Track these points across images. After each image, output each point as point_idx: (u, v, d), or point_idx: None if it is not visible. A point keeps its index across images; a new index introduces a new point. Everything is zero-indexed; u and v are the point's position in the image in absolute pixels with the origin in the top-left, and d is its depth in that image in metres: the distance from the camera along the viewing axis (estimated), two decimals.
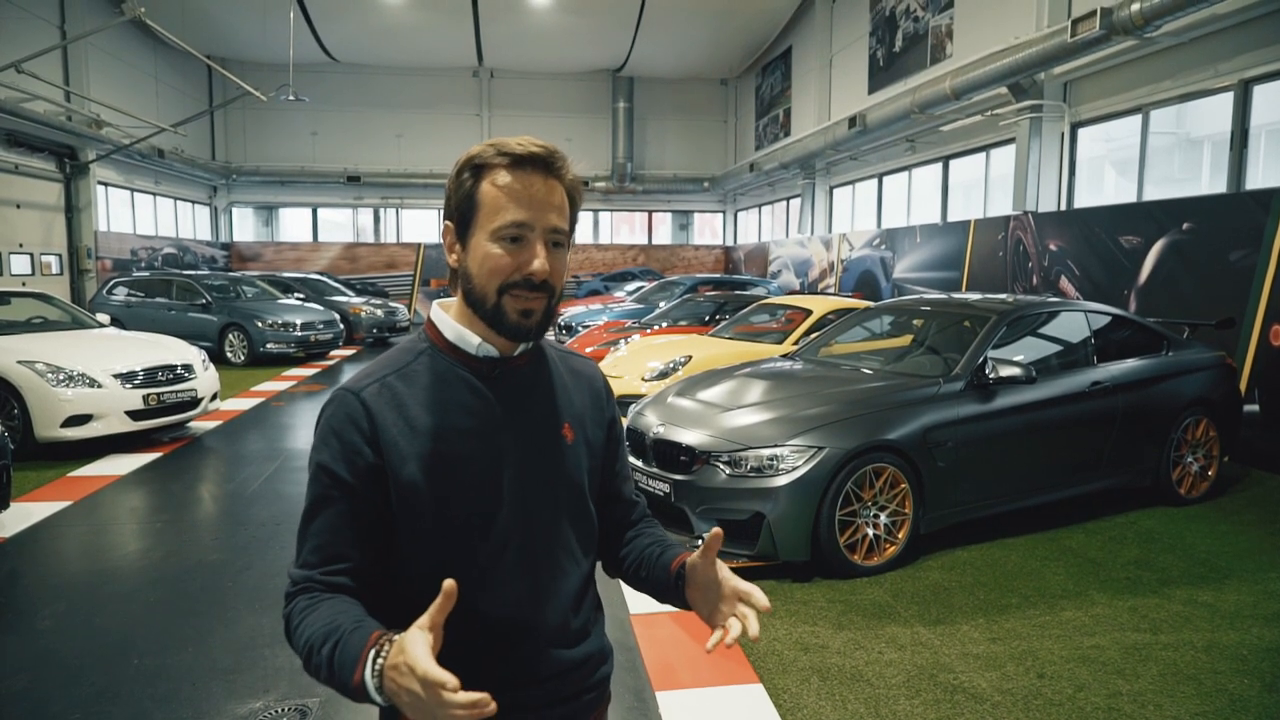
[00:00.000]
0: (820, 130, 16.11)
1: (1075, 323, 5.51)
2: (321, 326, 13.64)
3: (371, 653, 0.99)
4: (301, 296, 15.84)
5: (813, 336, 6.66)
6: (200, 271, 18.02)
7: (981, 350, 4.85)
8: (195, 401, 7.42)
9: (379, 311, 16.59)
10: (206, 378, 7.61)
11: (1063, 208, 10.34)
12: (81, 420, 6.56)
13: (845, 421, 4.34)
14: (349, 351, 15.11)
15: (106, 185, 17.15)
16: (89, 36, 14.53)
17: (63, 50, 14.99)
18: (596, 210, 25.14)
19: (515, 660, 1.19)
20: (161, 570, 4.36)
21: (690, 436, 4.49)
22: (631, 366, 7.82)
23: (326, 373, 12.35)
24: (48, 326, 7.96)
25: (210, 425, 8.15)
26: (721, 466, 4.29)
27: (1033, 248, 9.69)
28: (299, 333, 13.14)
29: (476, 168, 1.17)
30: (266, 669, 3.26)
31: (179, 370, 7.30)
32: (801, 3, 18.45)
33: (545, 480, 1.24)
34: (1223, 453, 5.77)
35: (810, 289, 16.48)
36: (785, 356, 6.09)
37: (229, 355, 12.99)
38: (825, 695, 3.11)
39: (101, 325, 8.37)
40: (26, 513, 5.24)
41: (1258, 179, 7.88)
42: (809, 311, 8.34)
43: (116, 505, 5.56)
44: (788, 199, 20.56)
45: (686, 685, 3.21)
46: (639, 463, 4.73)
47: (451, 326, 1.23)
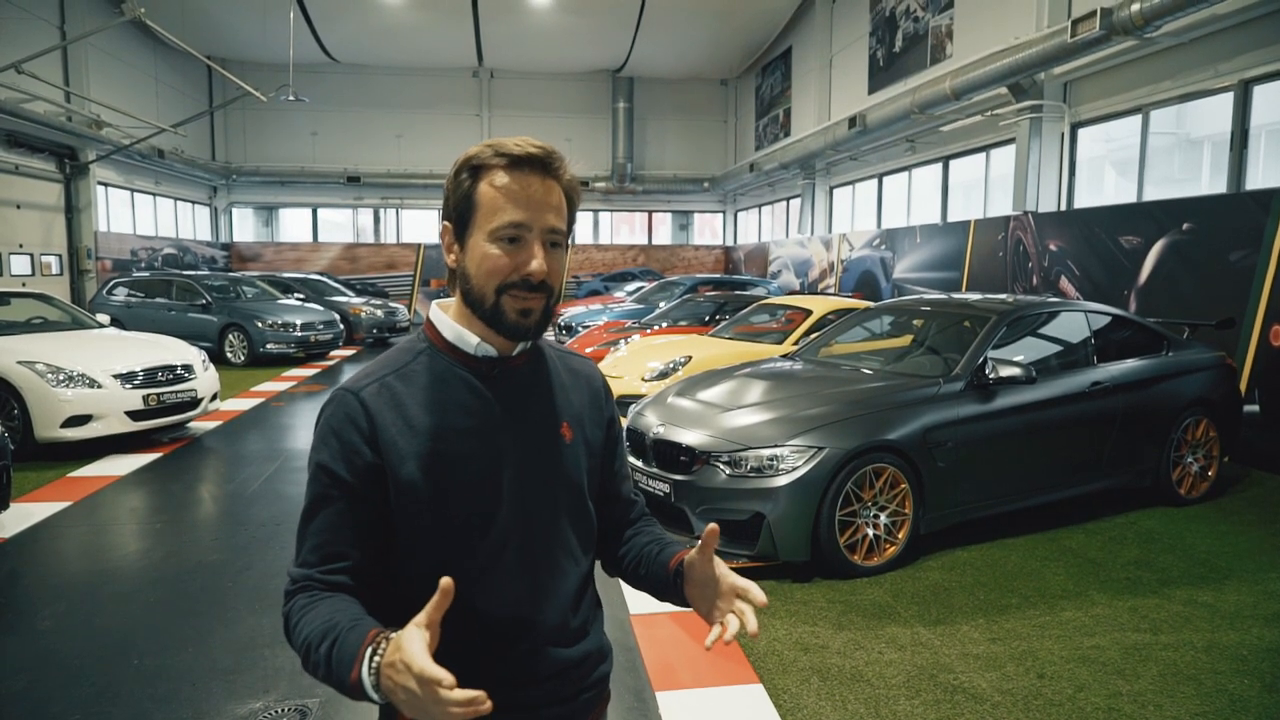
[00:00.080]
0: (820, 130, 16.11)
1: (1075, 323, 5.51)
2: (321, 327, 13.64)
3: (368, 650, 1.00)
4: (301, 297, 15.85)
5: (813, 337, 6.66)
6: (200, 272, 18.03)
7: (981, 350, 4.85)
8: (195, 402, 7.42)
9: (379, 312, 16.60)
10: (206, 378, 7.62)
11: (1063, 208, 10.34)
12: (81, 420, 6.57)
13: (845, 422, 4.34)
14: (349, 352, 15.11)
15: (106, 185, 17.15)
16: (89, 37, 14.52)
17: (63, 50, 15.00)
18: (596, 210, 25.14)
19: (513, 659, 1.19)
20: (161, 570, 4.37)
21: (690, 437, 4.49)
22: (631, 367, 7.82)
23: (326, 373, 12.35)
24: (48, 327, 7.96)
25: (210, 425, 8.15)
26: (721, 467, 4.29)
27: (1033, 248, 9.69)
28: (299, 333, 13.14)
29: (474, 168, 1.17)
30: (266, 669, 3.26)
31: (179, 370, 7.31)
32: (801, 3, 18.45)
33: (544, 479, 1.24)
34: (1223, 453, 5.77)
35: (810, 289, 16.48)
36: (785, 357, 6.09)
37: (229, 355, 12.99)
38: (825, 695, 3.11)
39: (101, 326, 8.37)
40: (26, 513, 5.24)
41: (1258, 179, 7.88)
42: (809, 312, 8.35)
43: (116, 505, 5.56)
44: (788, 199, 20.57)
45: (686, 685, 3.21)
46: (639, 463, 4.73)
47: (450, 326, 1.23)
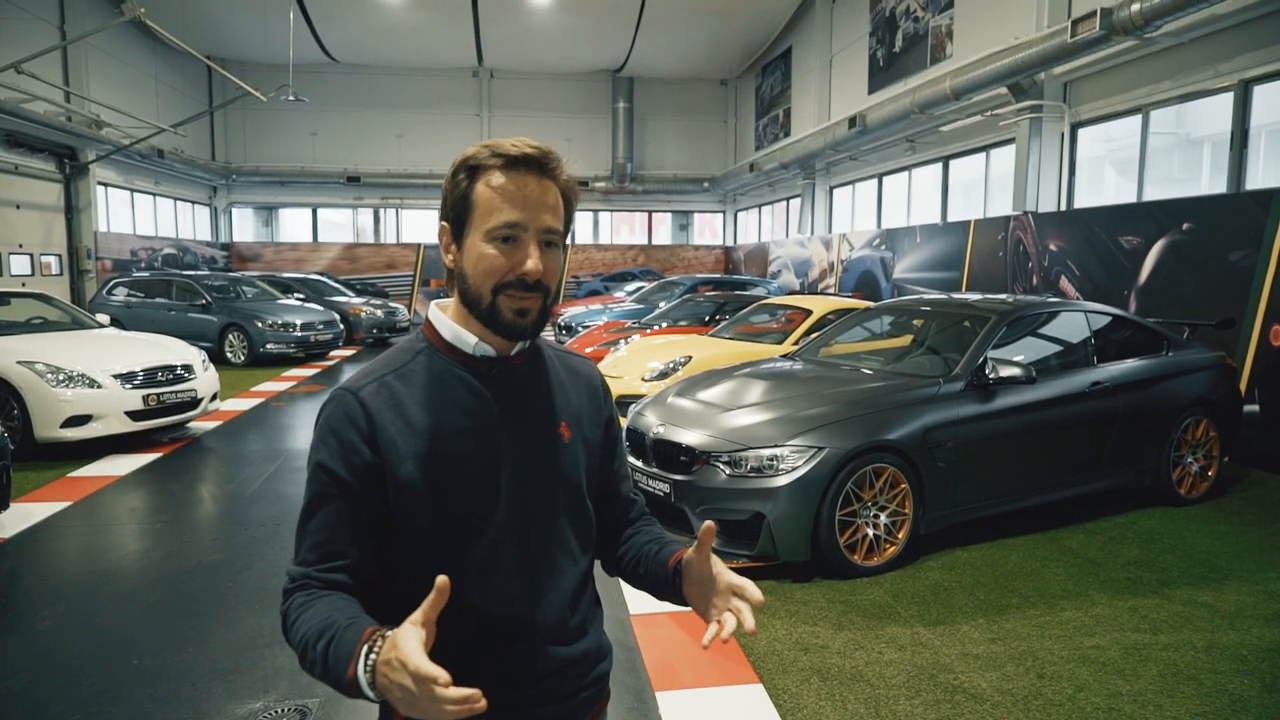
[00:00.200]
0: (820, 130, 16.11)
1: (1075, 323, 5.51)
2: (321, 327, 13.64)
3: (364, 648, 1.00)
4: (301, 297, 15.85)
5: (813, 337, 6.65)
6: (200, 272, 18.03)
7: (981, 350, 4.85)
8: (195, 402, 7.42)
9: (379, 312, 16.59)
10: (206, 378, 7.61)
11: (1063, 208, 10.34)
12: (81, 421, 6.56)
13: (845, 422, 4.34)
14: (349, 352, 15.11)
15: (106, 186, 17.15)
16: (89, 37, 14.52)
17: (63, 50, 15.00)
18: (596, 210, 25.15)
19: (512, 657, 1.19)
20: (161, 570, 4.37)
21: (690, 437, 4.49)
22: (631, 367, 7.81)
23: (326, 373, 12.35)
24: (47, 327, 7.96)
25: (210, 425, 8.15)
26: (721, 467, 4.29)
27: (1033, 248, 9.69)
28: (299, 333, 13.14)
29: (471, 169, 1.17)
30: (266, 669, 3.26)
31: (179, 370, 7.31)
32: (801, 3, 18.45)
33: (542, 479, 1.24)
34: (1223, 453, 5.77)
35: (810, 289, 16.48)
36: (785, 357, 6.09)
37: (229, 355, 12.99)
38: (825, 695, 3.11)
39: (101, 326, 8.37)
40: (26, 513, 5.24)
41: (1258, 179, 7.88)
42: (809, 312, 8.34)
43: (116, 505, 5.56)
44: (788, 199, 20.57)
45: (686, 685, 3.21)
46: (639, 463, 4.73)
47: (449, 326, 1.23)
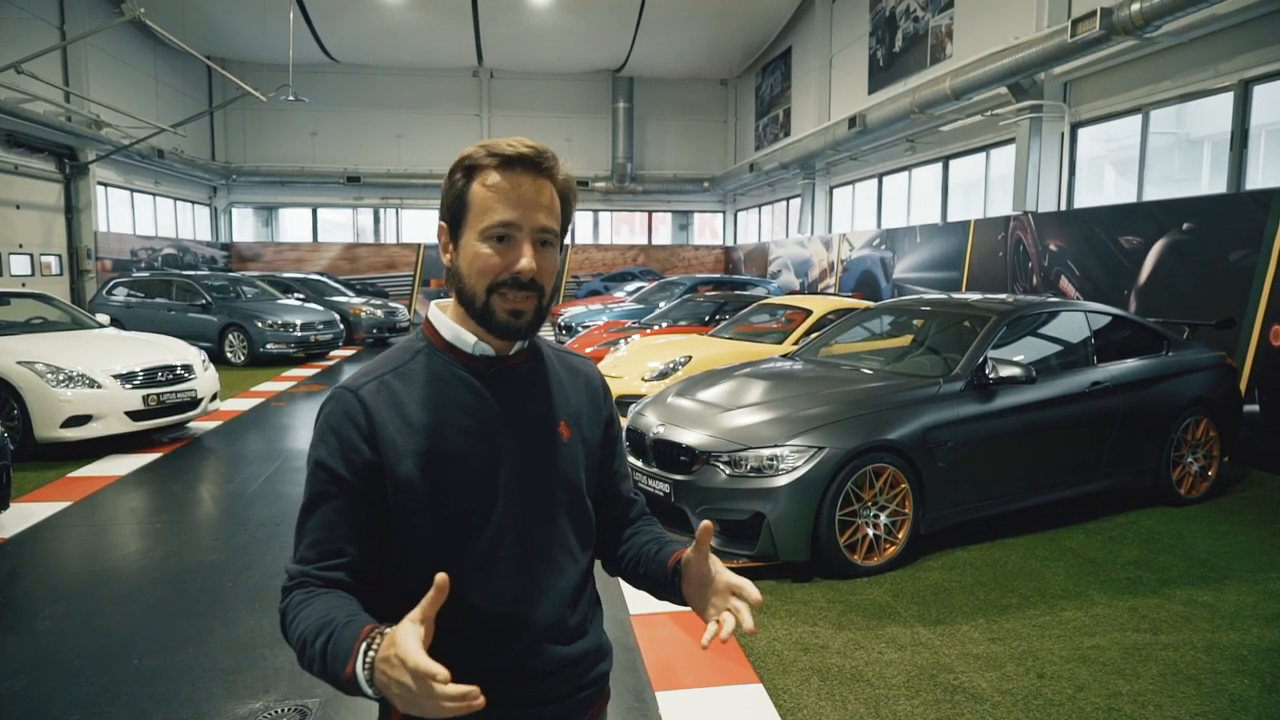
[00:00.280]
0: (820, 130, 16.11)
1: (1075, 323, 5.51)
2: (321, 327, 13.64)
3: (363, 645, 1.00)
4: (301, 297, 15.85)
5: (813, 336, 6.65)
6: (200, 272, 18.03)
7: (981, 350, 4.85)
8: (195, 402, 7.42)
9: (379, 312, 16.60)
10: (206, 378, 7.61)
11: (1063, 208, 10.34)
12: (81, 421, 6.56)
13: (845, 421, 4.34)
14: (349, 352, 15.11)
15: (106, 186, 17.15)
16: (89, 37, 14.52)
17: (62, 50, 15.00)
18: (596, 210, 25.15)
19: (510, 656, 1.19)
20: (161, 570, 4.36)
21: (690, 436, 4.49)
22: (631, 367, 7.81)
23: (326, 373, 12.35)
24: (47, 327, 7.96)
25: (210, 425, 8.15)
26: (721, 466, 4.29)
27: (1033, 248, 9.69)
28: (299, 333, 13.14)
29: (468, 169, 1.18)
30: (266, 669, 3.26)
31: (179, 371, 7.30)
32: (801, 3, 18.46)
33: (542, 478, 1.24)
34: (1223, 453, 5.77)
35: (810, 289, 16.48)
36: (785, 356, 6.09)
37: (229, 355, 12.99)
38: (825, 695, 3.11)
39: (101, 326, 8.37)
40: (26, 513, 5.24)
41: (1258, 179, 7.88)
42: (809, 311, 8.34)
43: (116, 505, 5.56)
44: (788, 199, 20.57)
45: (686, 685, 3.21)
46: (639, 463, 4.73)
47: (448, 326, 1.24)
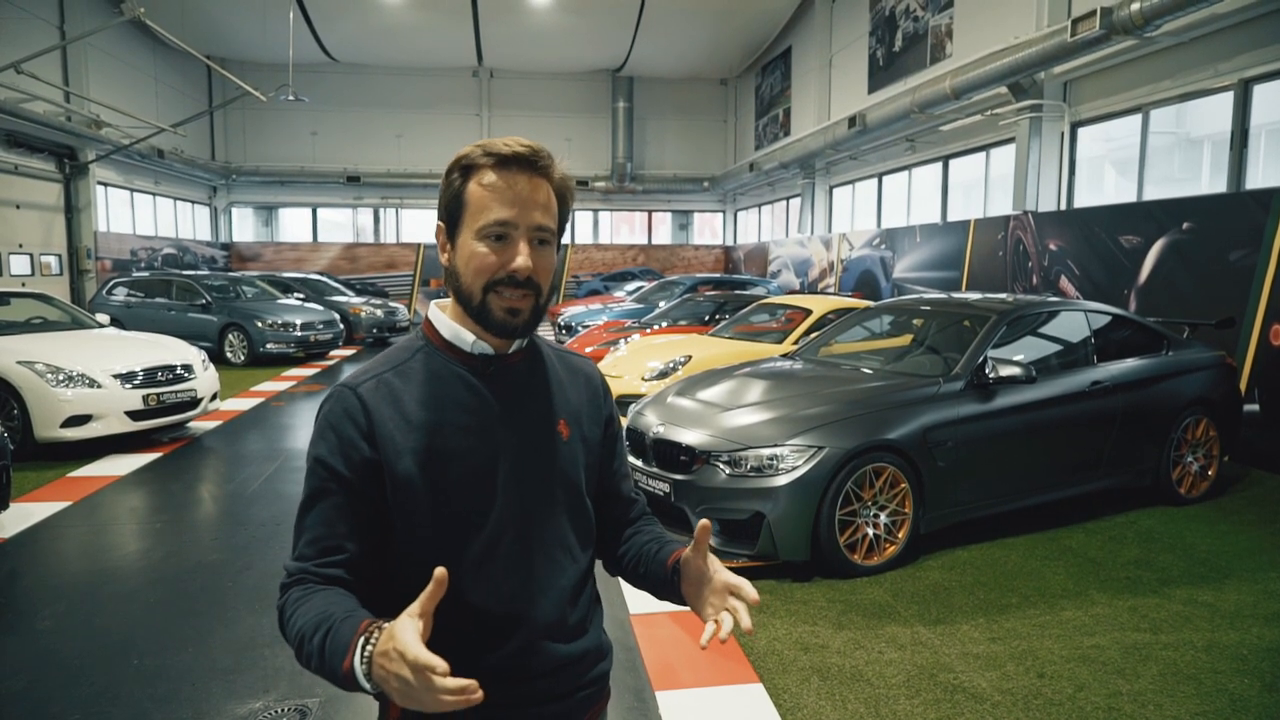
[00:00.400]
0: (820, 130, 16.11)
1: (1075, 322, 5.51)
2: (321, 326, 13.64)
3: (361, 640, 1.00)
4: (301, 296, 15.85)
5: (812, 336, 6.65)
6: (200, 272, 18.03)
7: (981, 350, 4.85)
8: (195, 402, 7.42)
9: (379, 311, 16.60)
10: (206, 378, 7.61)
11: (1063, 207, 10.34)
12: (81, 420, 6.56)
13: (845, 421, 4.34)
14: (349, 351, 15.11)
15: (106, 185, 17.15)
16: (89, 37, 14.53)
17: (62, 50, 15.00)
18: (596, 210, 25.15)
19: (509, 654, 1.19)
20: (161, 570, 4.36)
21: (690, 436, 4.49)
22: (631, 366, 7.81)
23: (326, 373, 12.35)
24: (47, 327, 7.96)
25: (210, 425, 8.15)
26: (721, 466, 4.29)
27: (1033, 247, 9.69)
28: (299, 333, 13.14)
29: (465, 168, 1.18)
30: (266, 669, 3.26)
31: (179, 370, 7.30)
32: (801, 3, 18.45)
33: (541, 476, 1.24)
34: (1223, 452, 5.76)
35: (810, 289, 16.48)
36: (785, 356, 6.09)
37: (229, 355, 12.99)
38: (825, 695, 3.11)
39: (101, 325, 8.37)
40: (26, 513, 5.24)
41: (1258, 179, 7.87)
42: (809, 311, 8.34)
43: (116, 505, 5.56)
44: (788, 199, 20.57)
45: (686, 685, 3.21)
46: (639, 462, 4.73)
47: (447, 325, 1.24)
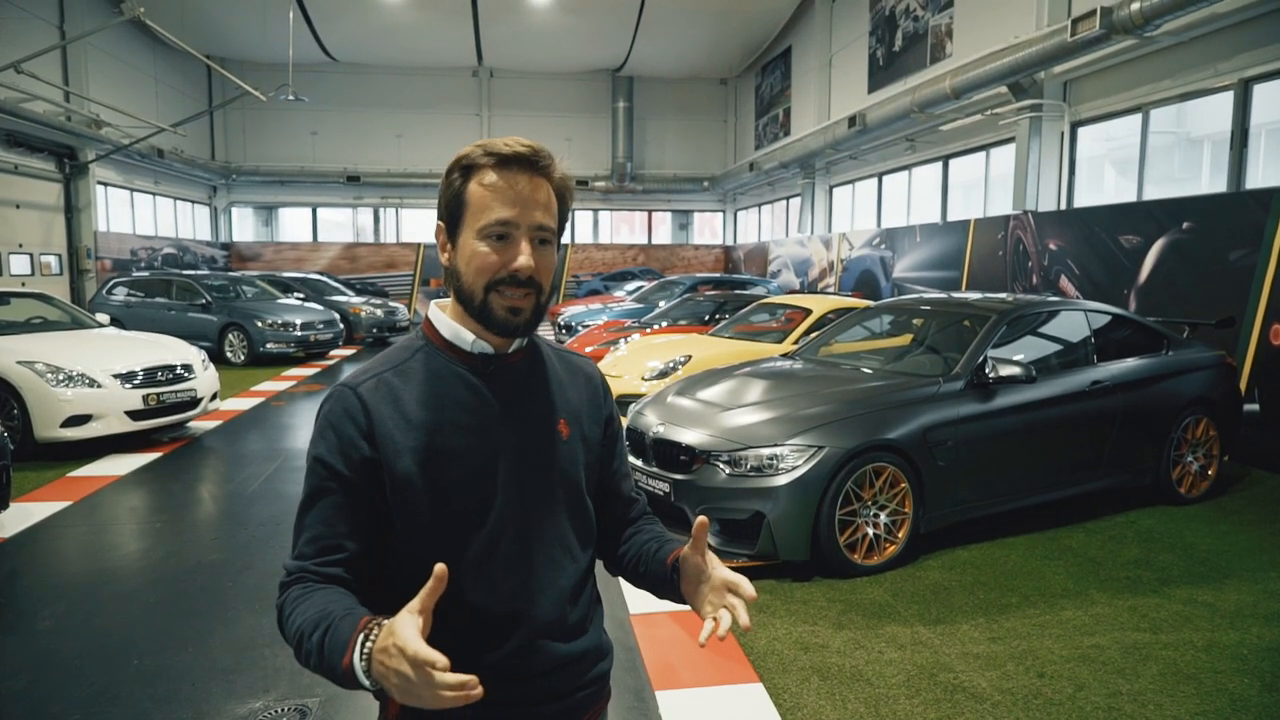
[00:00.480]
0: (820, 130, 16.11)
1: (1075, 322, 5.51)
2: (321, 326, 13.64)
3: (360, 636, 1.01)
4: (301, 296, 15.85)
5: (812, 336, 6.65)
6: (200, 271, 18.02)
7: (981, 349, 4.85)
8: (195, 401, 7.42)
9: (379, 311, 16.60)
10: (206, 377, 7.61)
11: (1062, 207, 10.34)
12: (81, 420, 6.56)
13: (845, 421, 4.34)
14: (349, 351, 15.11)
15: (106, 185, 17.15)
16: (88, 36, 14.53)
17: (62, 50, 14.99)
18: (596, 210, 25.15)
19: (508, 653, 1.19)
20: (161, 570, 4.36)
21: (690, 436, 4.49)
22: (631, 366, 7.81)
23: (326, 372, 12.35)
24: (47, 326, 7.96)
25: (210, 425, 8.15)
26: (721, 466, 4.28)
27: (1032, 247, 9.68)
28: (299, 332, 13.14)
29: (465, 168, 1.19)
30: (266, 669, 3.26)
31: (179, 370, 7.30)
32: (801, 2, 18.45)
33: (541, 475, 1.24)
34: (1223, 452, 5.76)
35: (810, 288, 16.48)
36: (785, 356, 6.08)
37: (229, 355, 12.99)
38: (825, 694, 3.11)
39: (101, 325, 8.37)
40: (26, 513, 5.24)
41: (1258, 178, 7.87)
42: (809, 311, 8.34)
43: (116, 505, 5.56)
44: (787, 198, 20.57)
45: (686, 685, 3.21)
46: (639, 462, 4.73)
47: (447, 324, 1.24)
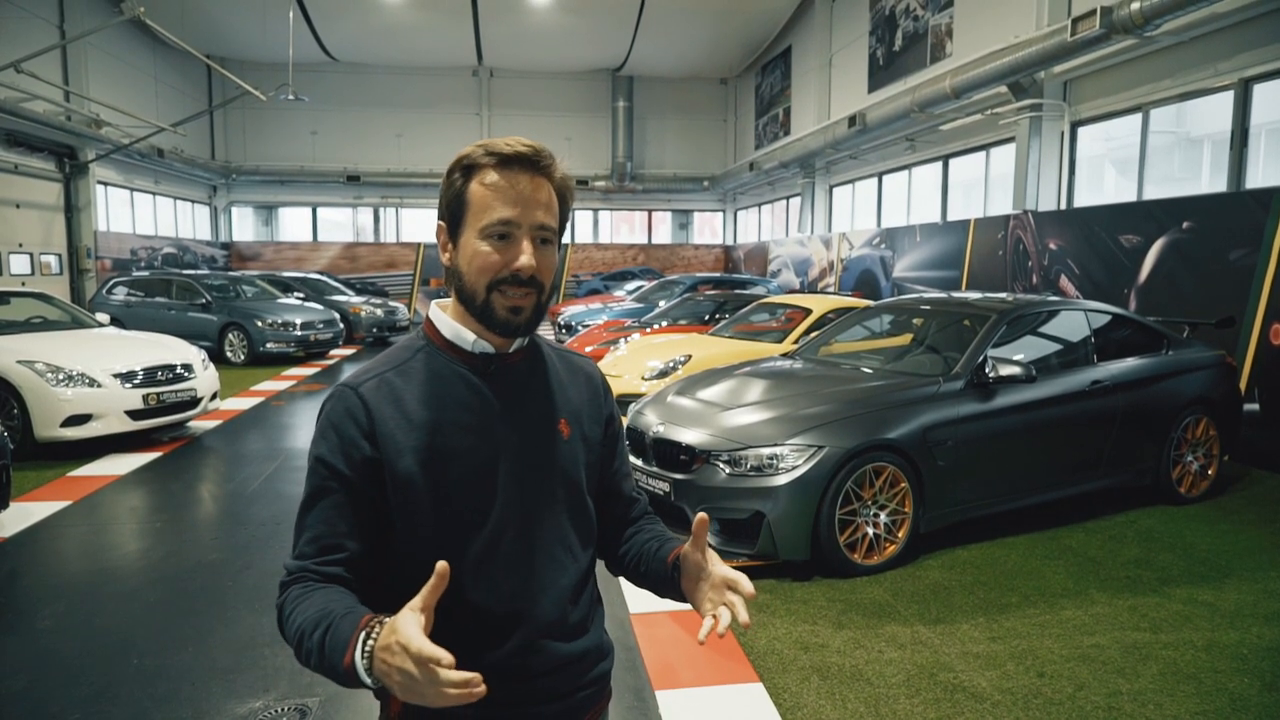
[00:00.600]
0: (820, 129, 16.11)
1: (1075, 322, 5.51)
2: (321, 326, 13.64)
3: (362, 635, 1.00)
4: (301, 296, 15.85)
5: (812, 336, 6.65)
6: (200, 271, 18.01)
7: (981, 349, 4.85)
8: (195, 401, 7.42)
9: (379, 311, 16.60)
10: (206, 377, 7.61)
11: (1063, 207, 10.34)
12: (81, 420, 6.56)
13: (845, 420, 4.34)
14: (349, 351, 15.11)
15: (106, 185, 17.15)
16: (88, 36, 14.53)
17: (62, 50, 14.99)
18: (596, 210, 25.15)
19: (509, 652, 1.19)
20: (161, 570, 4.37)
21: (690, 435, 4.49)
22: (631, 366, 7.81)
23: (326, 372, 12.35)
24: (47, 326, 7.95)
25: (210, 425, 8.15)
26: (721, 465, 4.29)
27: (1033, 247, 9.68)
28: (299, 332, 13.14)
29: (466, 168, 1.19)
30: (266, 669, 3.26)
31: (179, 370, 7.30)
32: (801, 2, 18.44)
33: (542, 475, 1.25)
34: (1223, 452, 5.76)
35: (810, 288, 16.47)
36: (785, 356, 6.08)
37: (229, 355, 12.99)
38: (825, 694, 3.11)
39: (101, 325, 8.37)
40: (26, 513, 5.24)
41: (1258, 178, 7.87)
42: (809, 311, 8.34)
43: (116, 505, 5.56)
44: (787, 198, 20.56)
45: (686, 684, 3.21)
46: (639, 462, 4.73)
47: (448, 324, 1.24)
